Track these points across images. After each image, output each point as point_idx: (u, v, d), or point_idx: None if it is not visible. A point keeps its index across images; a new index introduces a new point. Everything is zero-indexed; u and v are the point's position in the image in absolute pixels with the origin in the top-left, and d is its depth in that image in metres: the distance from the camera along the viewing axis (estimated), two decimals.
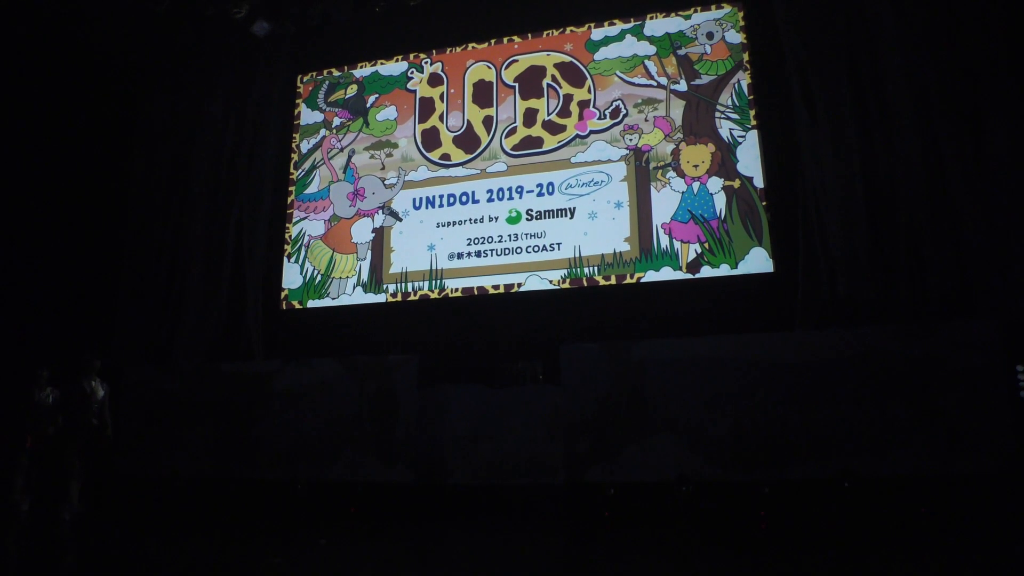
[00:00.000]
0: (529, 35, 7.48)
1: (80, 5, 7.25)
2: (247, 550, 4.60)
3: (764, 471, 5.10)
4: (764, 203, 6.30)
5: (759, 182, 6.37)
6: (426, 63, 7.73)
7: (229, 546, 4.80)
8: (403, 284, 7.09)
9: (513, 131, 7.20)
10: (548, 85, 7.23)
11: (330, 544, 4.67)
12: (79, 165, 7.73)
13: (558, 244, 6.72)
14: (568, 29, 7.33)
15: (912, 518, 4.69)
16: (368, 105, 7.83)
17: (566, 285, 6.63)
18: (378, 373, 6.27)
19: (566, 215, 6.78)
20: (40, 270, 7.24)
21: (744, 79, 6.67)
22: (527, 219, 6.89)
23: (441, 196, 7.25)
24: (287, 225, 7.74)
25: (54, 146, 7.53)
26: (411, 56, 7.82)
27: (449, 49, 7.71)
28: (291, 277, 7.53)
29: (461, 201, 7.17)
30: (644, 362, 5.58)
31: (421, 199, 7.32)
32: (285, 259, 7.64)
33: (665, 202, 6.56)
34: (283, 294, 7.53)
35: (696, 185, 6.50)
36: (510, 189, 7.03)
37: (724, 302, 6.14)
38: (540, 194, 6.92)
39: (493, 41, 7.57)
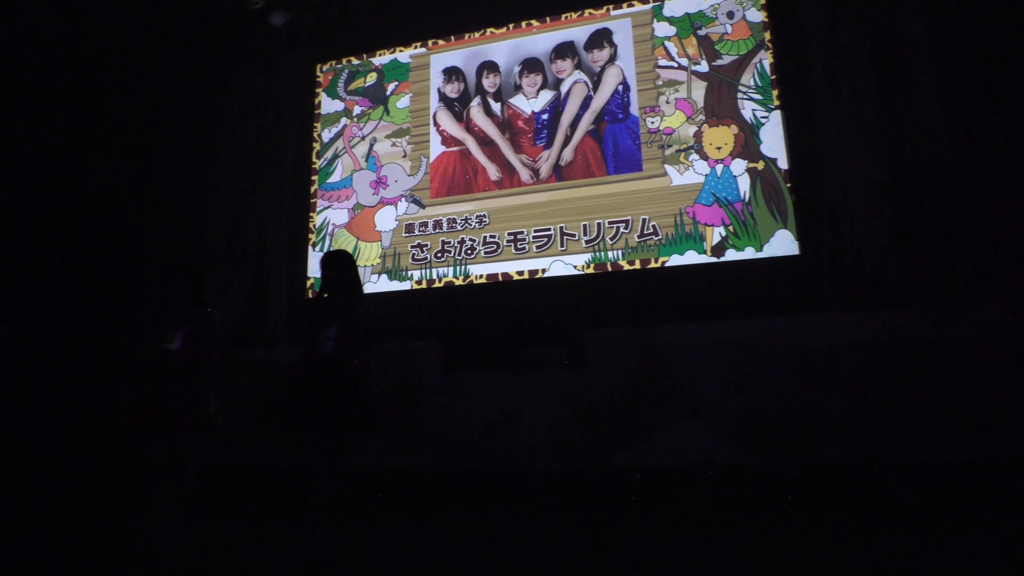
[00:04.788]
0: (547, 18, 7.44)
1: None
2: (275, 536, 4.67)
3: (790, 455, 5.09)
4: (788, 185, 6.25)
5: (783, 163, 6.31)
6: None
7: (257, 532, 4.87)
8: (428, 271, 7.13)
9: None
10: None
11: (359, 529, 4.72)
12: (103, 159, 7.80)
13: (583, 228, 6.73)
14: (587, 12, 7.28)
15: (940, 503, 4.67)
16: (388, 93, 7.84)
17: (590, 270, 6.63)
18: (402, 360, 6.29)
19: None
20: (65, 261, 7.32)
21: (766, 58, 6.60)
22: None
23: None
24: (311, 214, 7.79)
25: (77, 141, 7.60)
26: (429, 43, 7.81)
27: (467, 34, 7.69)
28: (316, 266, 7.58)
29: None
30: (669, 347, 5.56)
31: None
32: (310, 248, 7.70)
33: (688, 185, 6.53)
34: (308, 283, 7.60)
35: (719, 167, 6.45)
36: None
37: (749, 285, 6.11)
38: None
39: (512, 25, 7.54)
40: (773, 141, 6.38)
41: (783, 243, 6.15)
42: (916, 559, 3.60)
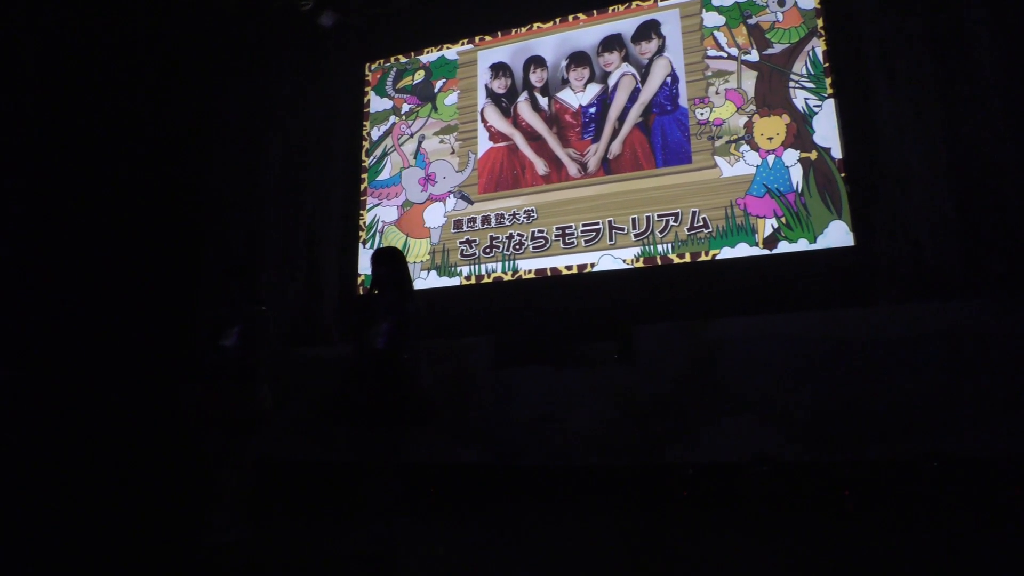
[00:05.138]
0: (594, 11, 7.39)
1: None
2: (330, 530, 4.75)
3: (846, 451, 4.99)
4: (843, 174, 6.11)
5: (837, 153, 6.18)
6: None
7: (311, 527, 4.95)
8: (476, 267, 7.16)
9: None
10: None
11: (411, 523, 4.77)
12: (157, 161, 7.98)
13: (632, 221, 6.69)
14: (634, 3, 7.22)
15: (1005, 500, 4.53)
16: (436, 90, 7.88)
17: (640, 264, 6.58)
18: (453, 356, 6.33)
19: None
20: (122, 262, 7.50)
21: (819, 46, 6.46)
22: None
23: None
24: (361, 212, 7.88)
25: (131, 142, 7.77)
26: (476, 39, 7.83)
27: (514, 30, 7.69)
28: (366, 263, 7.66)
29: None
30: (721, 341, 5.50)
31: None
32: (360, 245, 7.80)
33: (739, 177, 6.43)
34: (359, 279, 7.69)
35: (771, 158, 6.34)
36: None
37: (803, 278, 6.00)
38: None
39: (558, 20, 7.52)
40: (826, 130, 6.24)
41: (837, 234, 6.02)
42: (978, 557, 3.51)
